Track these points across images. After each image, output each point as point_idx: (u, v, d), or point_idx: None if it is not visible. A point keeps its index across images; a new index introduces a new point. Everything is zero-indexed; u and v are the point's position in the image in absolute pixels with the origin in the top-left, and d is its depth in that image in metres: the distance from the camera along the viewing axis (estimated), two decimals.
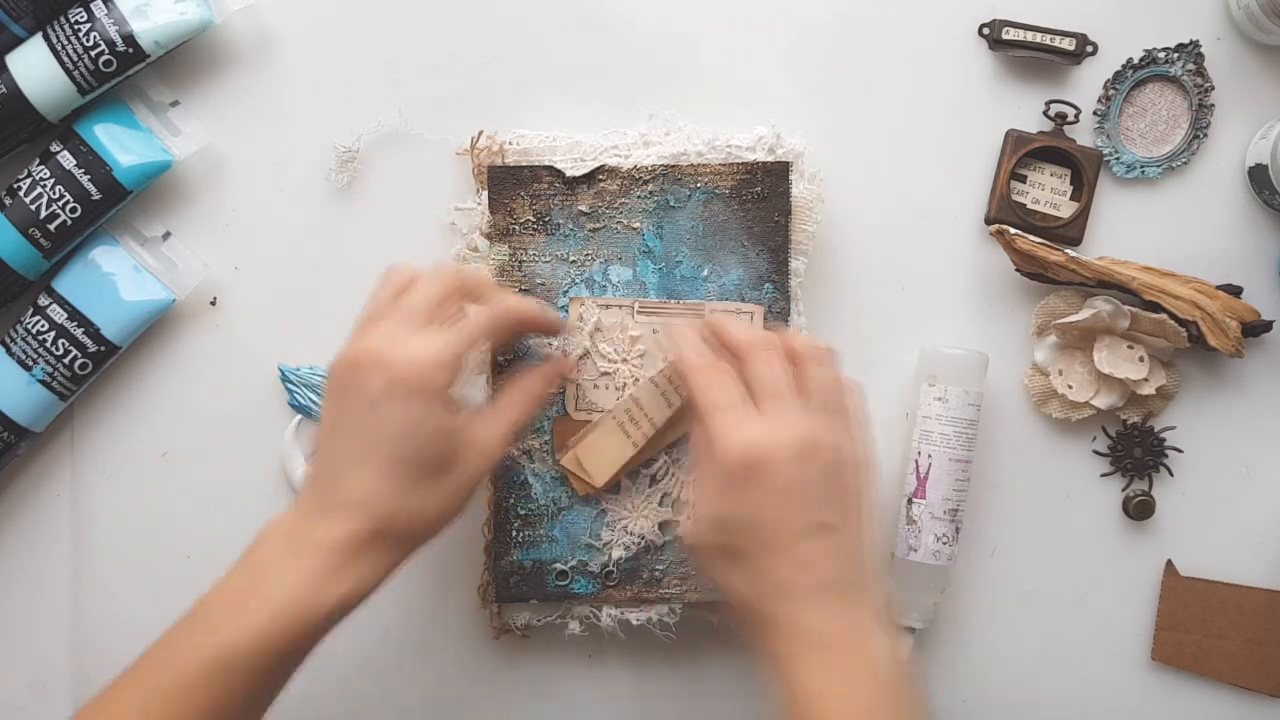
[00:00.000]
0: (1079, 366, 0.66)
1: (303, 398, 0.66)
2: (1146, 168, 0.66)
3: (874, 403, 0.67)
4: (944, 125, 0.67)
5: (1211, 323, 0.64)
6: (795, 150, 0.64)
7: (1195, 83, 0.66)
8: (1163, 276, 0.65)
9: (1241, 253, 0.67)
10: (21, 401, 0.63)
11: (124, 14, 0.61)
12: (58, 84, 0.61)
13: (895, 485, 0.66)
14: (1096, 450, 0.67)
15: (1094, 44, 0.66)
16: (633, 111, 0.66)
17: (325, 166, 0.66)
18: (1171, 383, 0.66)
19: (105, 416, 0.67)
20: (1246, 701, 0.68)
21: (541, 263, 0.64)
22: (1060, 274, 0.64)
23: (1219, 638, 0.67)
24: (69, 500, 0.67)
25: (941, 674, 0.68)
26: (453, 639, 0.67)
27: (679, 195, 0.64)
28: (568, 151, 0.64)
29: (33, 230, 0.62)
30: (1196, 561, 0.68)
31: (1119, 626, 0.68)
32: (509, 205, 0.64)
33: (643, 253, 0.64)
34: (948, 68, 0.67)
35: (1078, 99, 0.66)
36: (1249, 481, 0.68)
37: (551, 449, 0.64)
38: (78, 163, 0.62)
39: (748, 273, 0.64)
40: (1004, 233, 0.64)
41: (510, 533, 0.64)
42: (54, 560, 0.67)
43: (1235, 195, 0.67)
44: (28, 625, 0.67)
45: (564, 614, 0.65)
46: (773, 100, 0.66)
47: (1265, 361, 0.67)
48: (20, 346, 0.63)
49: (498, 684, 0.67)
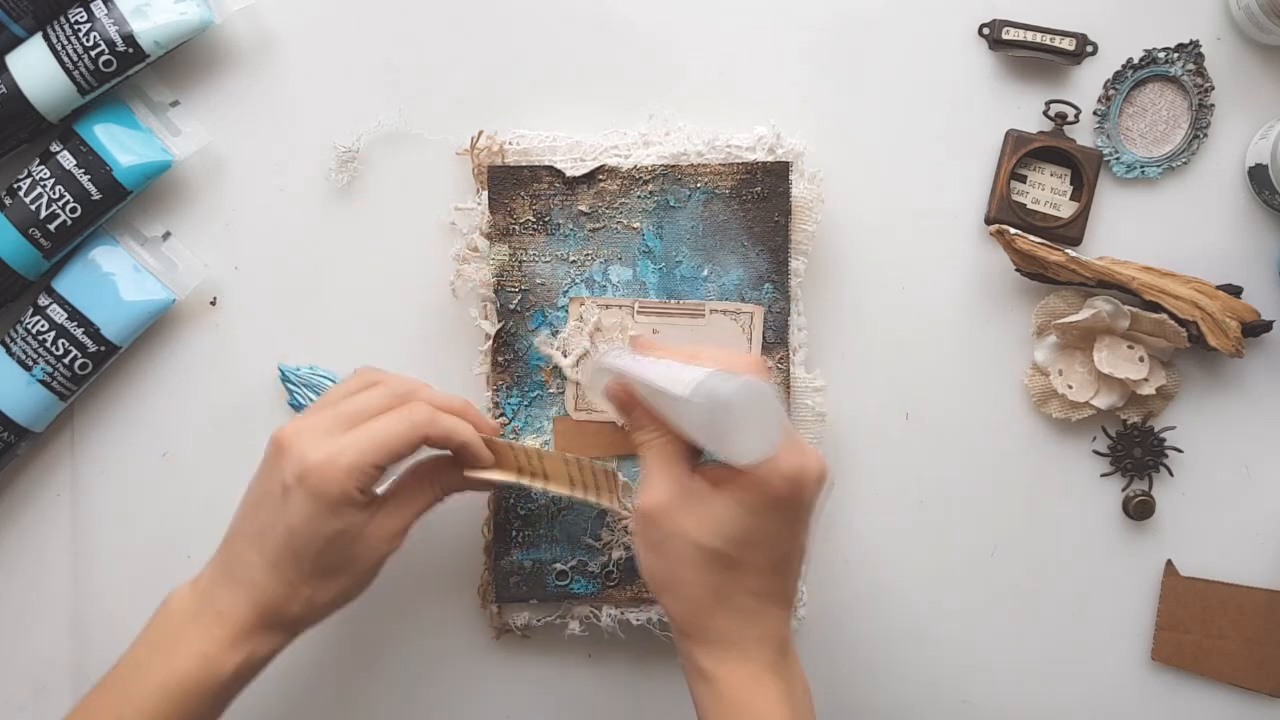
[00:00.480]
0: (1079, 366, 0.66)
1: (303, 398, 0.66)
2: (1146, 168, 0.66)
3: (872, 403, 0.67)
4: (944, 125, 0.67)
5: (1211, 323, 0.64)
6: (795, 150, 0.64)
7: (1195, 83, 0.66)
8: (1163, 276, 0.65)
9: (1241, 253, 0.67)
10: (21, 401, 0.63)
11: (124, 14, 0.61)
12: (58, 84, 0.61)
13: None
14: (1096, 450, 0.68)
15: (1094, 44, 0.66)
16: (633, 111, 0.66)
17: (325, 166, 0.66)
18: (1171, 383, 0.66)
19: (105, 416, 0.67)
20: (1246, 701, 0.68)
21: (541, 263, 0.64)
22: (1060, 274, 0.64)
23: (1219, 638, 0.67)
24: (69, 500, 0.67)
25: (941, 673, 0.68)
26: (453, 639, 0.67)
27: (679, 195, 0.64)
28: (568, 151, 0.64)
29: (33, 230, 0.62)
30: (1196, 561, 0.68)
31: (1119, 626, 0.68)
32: (509, 205, 0.64)
33: (643, 253, 0.64)
34: (948, 68, 0.67)
35: (1078, 99, 0.66)
36: (1249, 481, 0.68)
37: (552, 449, 0.64)
38: (78, 163, 0.62)
39: (748, 273, 0.64)
40: (1004, 233, 0.64)
41: (510, 533, 0.64)
42: (54, 560, 0.67)
43: (1235, 195, 0.67)
44: (28, 625, 0.67)
45: (564, 614, 0.65)
46: (773, 100, 0.66)
47: (1265, 361, 0.67)
48: (20, 346, 0.63)
49: (498, 684, 0.67)
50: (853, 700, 0.68)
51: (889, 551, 0.68)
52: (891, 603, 0.68)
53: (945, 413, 0.67)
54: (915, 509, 0.67)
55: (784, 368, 0.64)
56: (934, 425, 0.67)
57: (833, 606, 0.68)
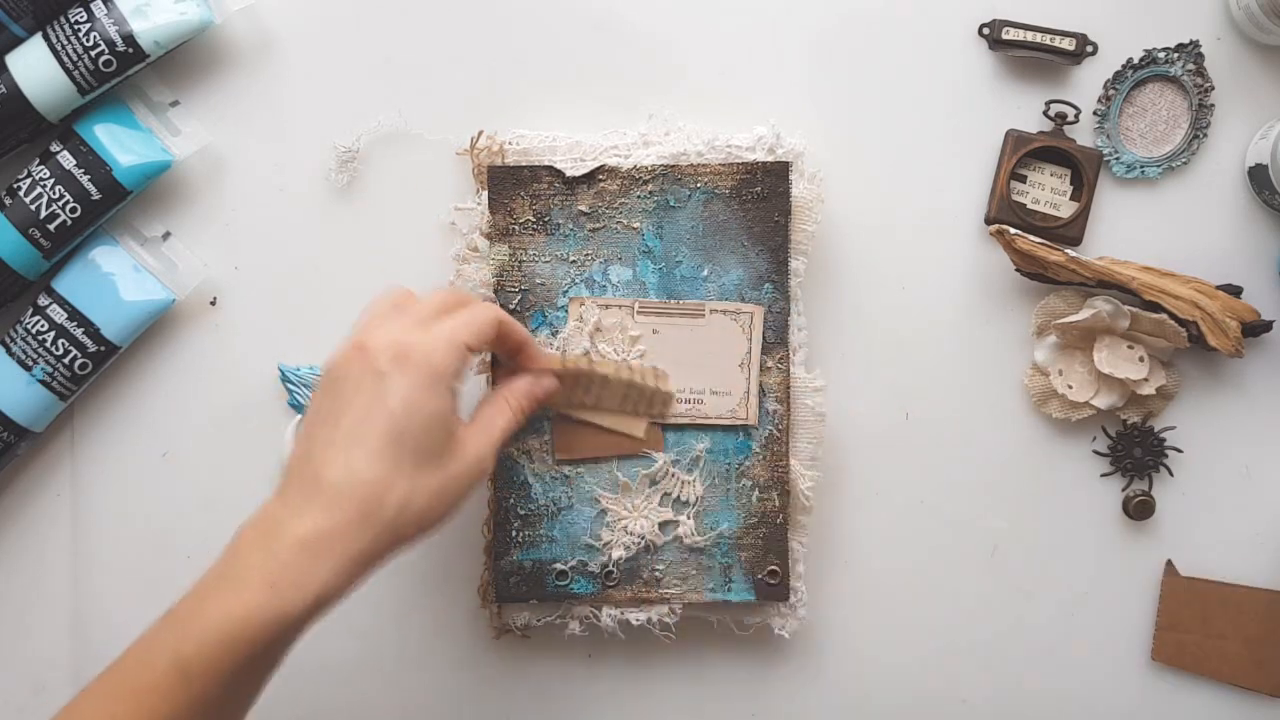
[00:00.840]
0: (1079, 366, 0.66)
1: (303, 398, 0.66)
2: (1146, 168, 0.66)
3: (872, 403, 0.67)
4: (944, 125, 0.67)
5: (1211, 323, 0.64)
6: (795, 150, 0.64)
7: (1195, 83, 0.66)
8: (1163, 276, 0.65)
9: (1241, 253, 0.67)
10: (21, 401, 0.63)
11: (124, 14, 0.61)
12: (58, 84, 0.61)
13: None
14: (1096, 450, 0.68)
15: (1094, 44, 0.66)
16: (633, 111, 0.66)
17: (325, 166, 0.66)
18: (1171, 383, 0.66)
19: (105, 416, 0.67)
20: (1246, 701, 0.68)
21: (541, 263, 0.64)
22: (1060, 274, 0.64)
23: (1219, 638, 0.67)
24: (69, 500, 0.67)
25: (941, 673, 0.68)
26: (453, 639, 0.67)
27: (679, 195, 0.64)
28: (568, 151, 0.64)
29: (33, 230, 0.62)
30: (1196, 561, 0.68)
31: (1119, 626, 0.68)
32: (509, 205, 0.64)
33: (643, 253, 0.64)
34: (948, 68, 0.67)
35: (1078, 99, 0.66)
36: (1249, 481, 0.68)
37: (552, 449, 0.64)
38: (78, 163, 0.62)
39: (748, 273, 0.64)
40: (1004, 233, 0.64)
41: (510, 533, 0.64)
42: (54, 560, 0.67)
43: (1235, 195, 0.67)
44: (28, 625, 0.68)
45: (564, 614, 0.65)
46: (773, 100, 0.66)
47: (1265, 361, 0.67)
48: (20, 346, 0.63)
49: (498, 684, 0.67)
50: (853, 700, 0.68)
51: (889, 551, 0.68)
52: (891, 602, 0.68)
53: (945, 413, 0.67)
54: (915, 509, 0.67)
55: (784, 368, 0.64)
56: (934, 425, 0.67)
57: (833, 606, 0.68)
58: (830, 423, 0.66)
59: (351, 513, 0.49)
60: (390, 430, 0.50)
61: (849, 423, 0.67)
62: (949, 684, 0.68)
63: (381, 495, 0.50)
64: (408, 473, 0.51)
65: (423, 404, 0.51)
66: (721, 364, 0.64)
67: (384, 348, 0.52)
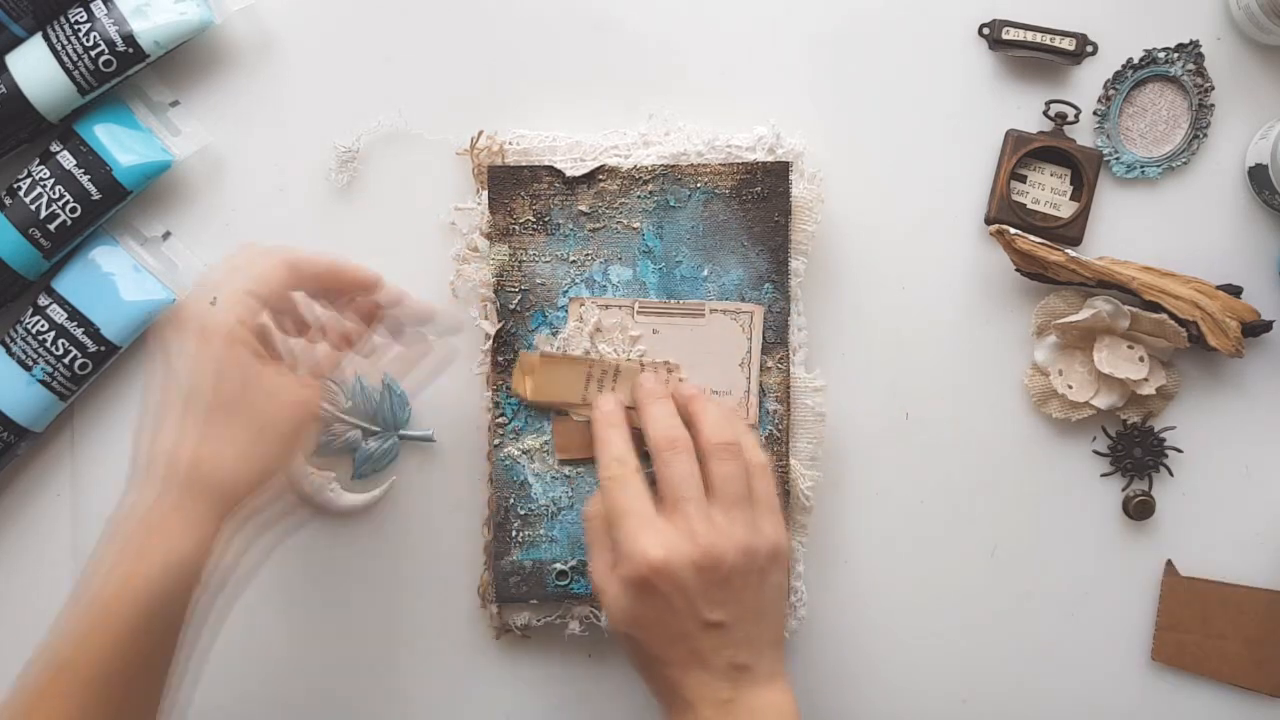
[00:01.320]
0: (1079, 366, 0.66)
1: None
2: (1146, 168, 0.66)
3: (872, 403, 0.67)
4: (944, 125, 0.67)
5: (1211, 323, 0.64)
6: (795, 150, 0.64)
7: (1195, 83, 0.66)
8: (1163, 276, 0.65)
9: (1241, 253, 0.67)
10: (21, 401, 0.63)
11: (124, 14, 0.61)
12: (58, 84, 0.61)
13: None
14: (1096, 450, 0.68)
15: (1094, 44, 0.66)
16: (633, 111, 0.66)
17: (325, 166, 0.66)
18: (1171, 383, 0.66)
19: (105, 416, 0.67)
20: (1246, 701, 0.68)
21: (541, 263, 0.64)
22: (1060, 274, 0.64)
23: (1219, 638, 0.67)
24: (69, 500, 0.67)
25: (941, 673, 0.68)
26: (453, 639, 0.67)
27: (679, 195, 0.64)
28: (568, 151, 0.64)
29: (33, 230, 0.62)
30: (1196, 561, 0.68)
31: (1119, 626, 0.68)
32: (509, 205, 0.64)
33: (643, 253, 0.64)
34: (948, 68, 0.67)
35: (1078, 99, 0.66)
36: (1249, 481, 0.68)
37: (551, 449, 0.64)
38: (78, 163, 0.62)
39: (748, 273, 0.64)
40: (1004, 233, 0.64)
41: (510, 533, 0.64)
42: (54, 560, 0.67)
43: (1235, 195, 0.67)
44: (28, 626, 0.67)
45: (564, 614, 0.65)
46: (773, 100, 0.66)
47: (1265, 361, 0.67)
48: (20, 346, 0.63)
49: (498, 684, 0.67)
50: (853, 700, 0.68)
51: (889, 551, 0.68)
52: (891, 602, 0.68)
53: (945, 413, 0.67)
54: (915, 509, 0.67)
55: (784, 368, 0.64)
56: (934, 425, 0.67)
57: (833, 606, 0.68)
58: (830, 423, 0.66)
59: (157, 481, 0.52)
60: (181, 395, 0.53)
61: (849, 423, 0.67)
62: (949, 684, 0.68)
63: (175, 455, 0.53)
64: (199, 428, 0.53)
65: (204, 361, 0.53)
66: (721, 364, 0.64)
67: (169, 325, 0.54)
